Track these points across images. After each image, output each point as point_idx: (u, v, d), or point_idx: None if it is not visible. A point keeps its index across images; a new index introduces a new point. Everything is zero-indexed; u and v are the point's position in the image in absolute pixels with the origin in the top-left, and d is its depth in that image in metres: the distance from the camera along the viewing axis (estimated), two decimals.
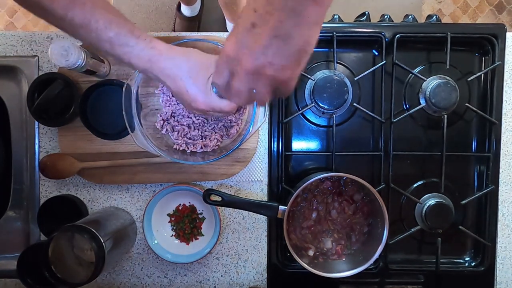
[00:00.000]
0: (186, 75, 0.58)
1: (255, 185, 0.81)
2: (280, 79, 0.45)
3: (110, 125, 0.78)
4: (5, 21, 1.80)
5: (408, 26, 0.81)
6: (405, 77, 0.81)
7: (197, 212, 0.81)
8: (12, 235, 0.83)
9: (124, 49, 0.57)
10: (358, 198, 0.76)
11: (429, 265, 0.81)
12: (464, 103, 0.79)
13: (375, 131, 0.81)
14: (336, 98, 0.76)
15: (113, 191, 0.82)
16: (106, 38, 0.56)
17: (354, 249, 0.76)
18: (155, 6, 1.66)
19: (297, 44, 0.41)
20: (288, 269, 0.81)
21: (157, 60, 0.58)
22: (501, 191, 0.80)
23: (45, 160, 0.77)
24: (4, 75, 0.82)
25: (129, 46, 0.57)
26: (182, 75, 0.58)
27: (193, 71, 0.59)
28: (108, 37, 0.56)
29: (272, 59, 0.42)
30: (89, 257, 0.66)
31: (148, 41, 0.58)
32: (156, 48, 0.58)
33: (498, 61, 0.78)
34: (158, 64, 0.58)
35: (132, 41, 0.57)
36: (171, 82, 0.59)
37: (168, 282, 0.83)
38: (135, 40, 0.57)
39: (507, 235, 0.82)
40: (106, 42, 0.56)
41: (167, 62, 0.58)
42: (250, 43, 0.42)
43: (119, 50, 0.57)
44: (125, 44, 0.57)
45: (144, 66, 0.58)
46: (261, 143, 0.81)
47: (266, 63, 0.43)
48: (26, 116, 0.82)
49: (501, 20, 1.74)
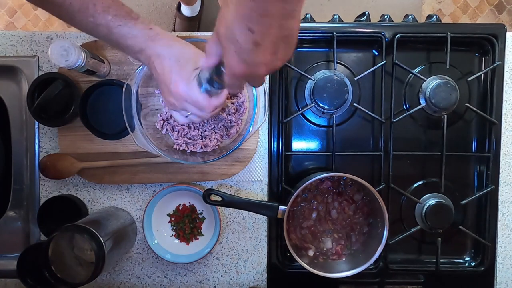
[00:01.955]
0: (174, 59, 0.59)
1: (255, 185, 0.82)
2: (273, 46, 0.42)
3: (110, 125, 0.78)
4: (5, 21, 1.80)
5: (408, 26, 0.81)
6: (405, 77, 0.81)
7: (197, 212, 0.81)
8: (12, 235, 0.83)
9: (122, 30, 0.57)
10: (358, 198, 0.76)
11: (429, 265, 0.81)
12: (464, 103, 0.79)
13: (375, 131, 0.81)
14: (336, 98, 0.76)
15: (113, 191, 0.82)
16: (104, 22, 0.56)
17: (354, 249, 0.76)
18: (155, 6, 1.66)
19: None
20: (288, 269, 0.81)
21: (154, 39, 0.59)
22: (501, 191, 0.80)
23: (45, 160, 0.77)
24: (4, 75, 0.82)
25: (127, 26, 0.57)
26: (171, 57, 0.59)
27: (183, 58, 0.59)
28: (106, 20, 0.56)
29: (261, 20, 0.39)
30: (89, 257, 0.66)
31: (147, 22, 0.59)
32: (154, 29, 0.59)
33: (498, 61, 0.78)
34: (156, 42, 0.59)
35: (130, 22, 0.58)
36: (159, 62, 0.59)
37: (168, 282, 0.83)
38: (133, 21, 0.58)
39: (507, 235, 0.82)
40: (103, 26, 0.57)
41: (165, 41, 0.59)
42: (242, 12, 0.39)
43: (117, 32, 0.57)
44: (123, 25, 0.57)
45: (142, 45, 0.59)
46: (261, 143, 0.81)
47: (258, 30, 0.40)
48: (26, 116, 0.82)
49: (501, 20, 1.74)
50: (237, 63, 0.44)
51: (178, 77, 0.59)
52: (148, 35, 0.59)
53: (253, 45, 0.41)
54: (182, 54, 0.60)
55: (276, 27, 0.40)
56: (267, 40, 0.41)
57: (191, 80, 0.58)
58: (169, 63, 0.59)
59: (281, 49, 0.44)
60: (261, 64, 0.44)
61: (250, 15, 0.39)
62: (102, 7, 0.56)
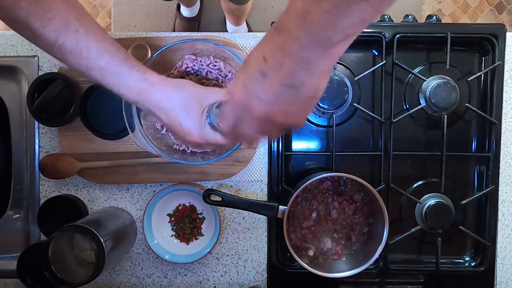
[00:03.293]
0: (180, 109, 0.56)
1: (255, 185, 0.81)
2: (290, 124, 0.46)
3: (110, 125, 0.78)
4: None
5: (408, 26, 0.81)
6: (405, 77, 0.81)
7: (197, 212, 0.81)
8: (12, 235, 0.83)
9: (115, 79, 0.55)
10: (358, 198, 0.76)
11: (429, 265, 0.81)
12: (464, 103, 0.79)
13: (375, 131, 0.81)
14: (336, 98, 0.76)
15: (113, 191, 0.82)
16: (97, 67, 0.54)
17: (354, 249, 0.76)
18: (155, 6, 1.66)
19: (308, 92, 0.41)
20: (288, 269, 0.81)
21: (148, 93, 0.56)
22: (501, 191, 0.80)
23: (45, 160, 0.77)
24: (4, 75, 0.81)
25: (120, 76, 0.55)
26: (175, 108, 0.56)
27: (186, 104, 0.57)
28: (100, 66, 0.53)
29: (283, 107, 0.43)
30: (89, 257, 0.66)
31: (142, 72, 0.56)
32: (149, 80, 0.56)
33: (498, 61, 0.78)
34: (150, 97, 0.56)
35: (124, 71, 0.55)
36: (163, 115, 0.57)
37: (168, 282, 0.83)
38: (128, 70, 0.55)
39: (507, 235, 0.82)
40: (96, 71, 0.54)
41: (159, 95, 0.56)
42: (260, 92, 0.42)
43: (110, 80, 0.55)
44: (117, 74, 0.54)
45: (135, 98, 0.56)
46: (261, 143, 0.81)
47: (277, 111, 0.43)
48: (26, 116, 0.82)
49: (501, 20, 1.74)
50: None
51: (190, 124, 0.56)
52: (141, 89, 0.55)
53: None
54: (184, 101, 0.57)
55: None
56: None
57: (203, 122, 0.57)
58: (174, 114, 0.56)
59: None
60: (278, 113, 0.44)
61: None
62: (97, 52, 0.53)
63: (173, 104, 0.56)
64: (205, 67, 0.74)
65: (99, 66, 0.54)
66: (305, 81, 0.40)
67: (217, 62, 0.74)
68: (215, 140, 0.58)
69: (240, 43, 0.80)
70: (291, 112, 0.44)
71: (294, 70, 0.39)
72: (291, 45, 0.37)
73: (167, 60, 0.74)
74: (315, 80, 0.41)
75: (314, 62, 0.39)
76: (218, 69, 0.74)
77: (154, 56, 0.70)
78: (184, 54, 0.74)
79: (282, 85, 0.40)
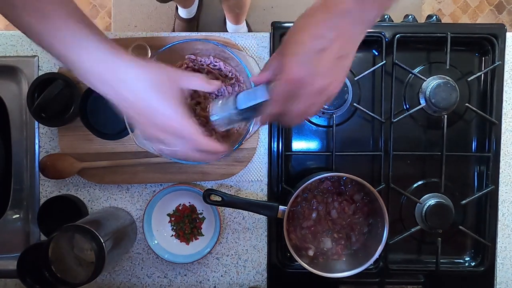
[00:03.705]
0: (152, 88, 0.49)
1: (255, 185, 0.81)
2: (334, 93, 0.51)
3: (110, 125, 0.78)
4: (5, 21, 1.79)
5: (408, 26, 0.81)
6: (405, 77, 0.81)
7: (197, 212, 0.81)
8: (12, 235, 0.83)
9: (80, 49, 0.47)
10: (358, 198, 0.76)
11: (429, 265, 0.81)
12: (464, 103, 0.79)
13: (375, 131, 0.81)
14: (336, 98, 0.76)
15: (113, 191, 0.82)
16: (61, 34, 0.46)
17: (354, 249, 0.76)
18: (155, 6, 1.65)
19: (350, 60, 0.50)
20: (288, 269, 0.81)
21: (113, 62, 0.48)
22: (501, 191, 0.80)
23: (45, 160, 0.77)
24: (4, 75, 0.81)
25: (82, 39, 0.46)
26: (146, 87, 0.49)
27: (161, 83, 0.50)
28: (64, 32, 0.46)
29: (334, 77, 0.49)
30: (89, 257, 0.66)
31: (110, 41, 0.49)
32: (117, 50, 0.49)
33: (498, 61, 0.78)
34: (115, 68, 0.49)
35: (89, 36, 0.47)
36: (129, 93, 0.49)
37: (168, 282, 0.83)
38: (92, 35, 0.47)
39: (507, 235, 0.82)
40: (60, 38, 0.46)
41: (126, 68, 0.49)
42: (318, 66, 0.47)
43: (71, 49, 0.47)
44: (78, 36, 0.46)
45: (93, 68, 0.50)
46: (261, 143, 0.81)
47: (330, 82, 0.49)
48: (26, 116, 0.82)
49: (501, 20, 1.74)
50: (298, 67, 0.48)
51: (165, 110, 0.48)
52: (105, 57, 0.47)
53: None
54: (157, 80, 0.49)
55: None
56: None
57: (184, 113, 0.49)
58: (145, 93, 0.47)
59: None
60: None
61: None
62: (65, 17, 0.45)
63: (144, 83, 0.48)
64: (205, 67, 0.74)
65: (64, 32, 0.46)
66: (350, 51, 0.49)
67: (217, 62, 0.74)
68: (207, 142, 0.51)
69: (240, 43, 0.80)
70: (338, 81, 0.50)
71: (345, 44, 0.47)
72: (346, 23, 0.46)
73: (167, 60, 0.74)
74: (355, 48, 0.50)
75: (357, 38, 0.49)
76: (218, 69, 0.74)
77: (154, 56, 0.70)
78: (184, 54, 0.74)
79: (336, 57, 0.47)
